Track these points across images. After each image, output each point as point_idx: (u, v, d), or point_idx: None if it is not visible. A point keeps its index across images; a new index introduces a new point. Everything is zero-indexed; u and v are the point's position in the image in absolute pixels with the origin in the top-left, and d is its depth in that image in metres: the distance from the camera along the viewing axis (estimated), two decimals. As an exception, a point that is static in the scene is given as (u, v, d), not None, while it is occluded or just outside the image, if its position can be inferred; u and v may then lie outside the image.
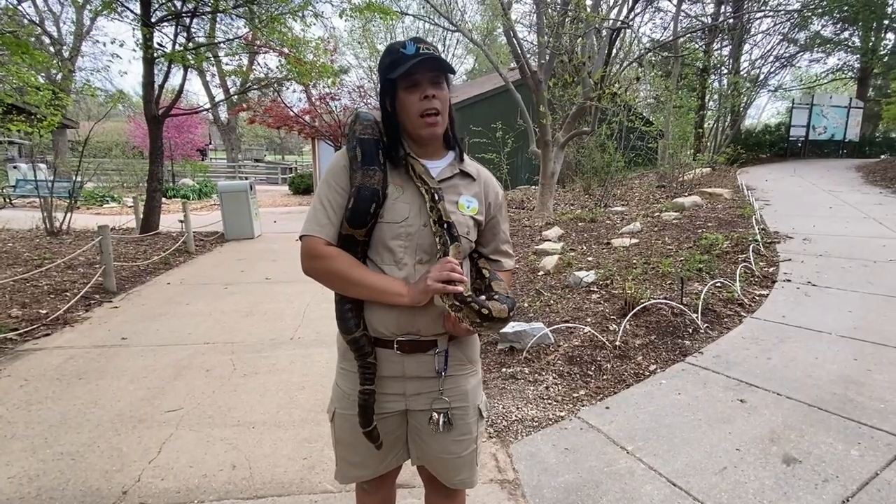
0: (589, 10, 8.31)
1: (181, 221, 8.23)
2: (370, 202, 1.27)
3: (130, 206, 11.33)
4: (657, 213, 8.08)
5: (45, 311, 4.74)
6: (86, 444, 2.69)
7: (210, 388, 3.31)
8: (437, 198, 1.30)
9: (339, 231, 1.32)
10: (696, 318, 3.93)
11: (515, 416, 2.89)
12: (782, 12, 14.70)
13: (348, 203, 1.29)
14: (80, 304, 5.02)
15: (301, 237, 1.34)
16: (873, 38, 17.01)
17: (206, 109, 17.92)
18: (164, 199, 11.70)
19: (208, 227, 9.43)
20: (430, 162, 1.37)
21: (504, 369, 3.44)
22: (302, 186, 19.60)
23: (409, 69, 1.23)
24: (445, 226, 1.29)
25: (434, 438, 1.42)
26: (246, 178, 16.95)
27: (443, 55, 1.32)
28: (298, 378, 3.45)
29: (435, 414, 1.38)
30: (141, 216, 9.03)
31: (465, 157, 1.44)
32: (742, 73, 15.55)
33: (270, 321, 4.60)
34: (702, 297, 4.13)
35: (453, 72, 1.33)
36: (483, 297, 1.30)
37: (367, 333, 1.36)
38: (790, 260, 5.32)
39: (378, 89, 1.39)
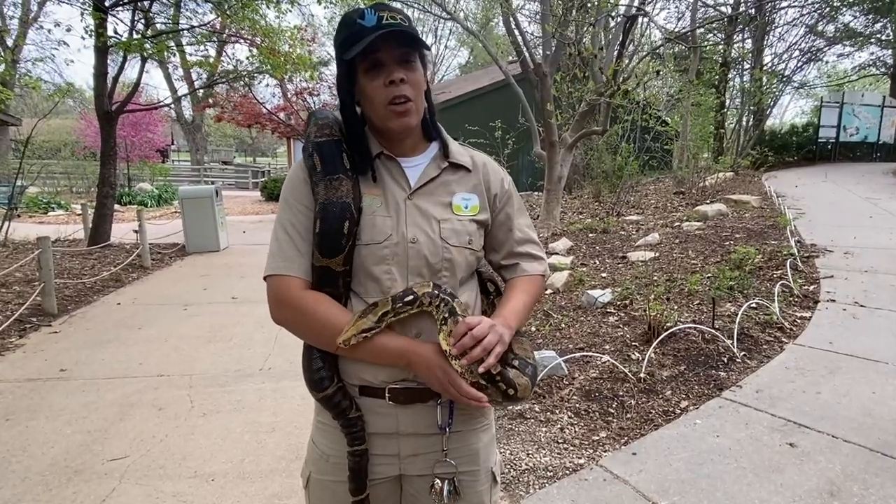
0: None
1: (136, 231, 8.05)
2: (341, 220, 1.13)
3: (79, 214, 11.10)
4: (677, 223, 8.03)
5: (-30, 338, 4.52)
6: (9, 502, 2.49)
7: (162, 430, 3.15)
8: (446, 304, 1.13)
9: (311, 263, 1.16)
10: (732, 344, 3.82)
11: (526, 464, 2.73)
12: (808, 2, 14.89)
13: (315, 226, 1.15)
14: (14, 329, 4.81)
15: (266, 278, 1.18)
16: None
17: (168, 105, 17.80)
18: (117, 206, 11.51)
19: (167, 238, 9.24)
20: (407, 160, 1.23)
21: (510, 406, 3.28)
22: (276, 192, 19.42)
23: (369, 46, 1.08)
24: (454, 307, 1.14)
25: (436, 512, 1.25)
26: (212, 183, 16.77)
27: (416, 27, 1.16)
28: (268, 418, 3.29)
29: (438, 481, 1.22)
30: (90, 225, 8.82)
31: (453, 144, 1.28)
32: (766, 67, 15.68)
33: (236, 348, 4.45)
34: (737, 320, 4.02)
35: (427, 48, 1.18)
36: (507, 368, 1.16)
37: (344, 387, 1.20)
38: (832, 277, 5.24)
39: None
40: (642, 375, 3.51)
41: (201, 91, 18.58)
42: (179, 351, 4.40)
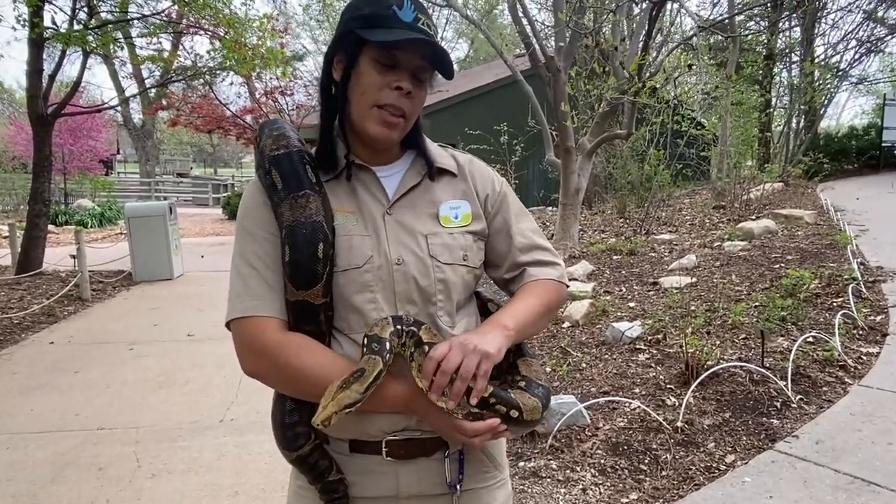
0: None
1: (73, 256, 8.08)
2: (314, 243, 1.13)
3: (6, 237, 11.14)
4: (717, 243, 8.09)
5: None
6: (-85, 583, 2.46)
7: (103, 494, 3.14)
8: (411, 335, 1.12)
9: (285, 298, 1.16)
10: (785, 386, 3.82)
11: (541, 532, 2.71)
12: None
13: (284, 254, 1.15)
14: (-75, 374, 4.80)
15: (230, 323, 1.18)
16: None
17: (113, 107, 17.96)
18: (51, 227, 11.55)
19: (111, 265, 9.28)
20: (382, 169, 1.26)
21: (522, 463, 3.29)
22: (240, 209, 19.57)
23: (397, 41, 1.11)
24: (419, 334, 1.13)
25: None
26: (165, 198, 16.86)
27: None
28: (230, 479, 3.28)
29: None
30: (18, 249, 8.84)
31: (432, 146, 1.31)
32: (818, 60, 15.94)
33: (192, 395, 4.47)
34: (791, 357, 4.03)
35: (450, 76, 1.21)
36: (508, 390, 1.17)
37: (321, 444, 1.20)
38: (903, 305, 5.26)
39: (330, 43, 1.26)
40: (679, 424, 3.50)
41: (153, 91, 18.82)
42: (124, 399, 4.40)
